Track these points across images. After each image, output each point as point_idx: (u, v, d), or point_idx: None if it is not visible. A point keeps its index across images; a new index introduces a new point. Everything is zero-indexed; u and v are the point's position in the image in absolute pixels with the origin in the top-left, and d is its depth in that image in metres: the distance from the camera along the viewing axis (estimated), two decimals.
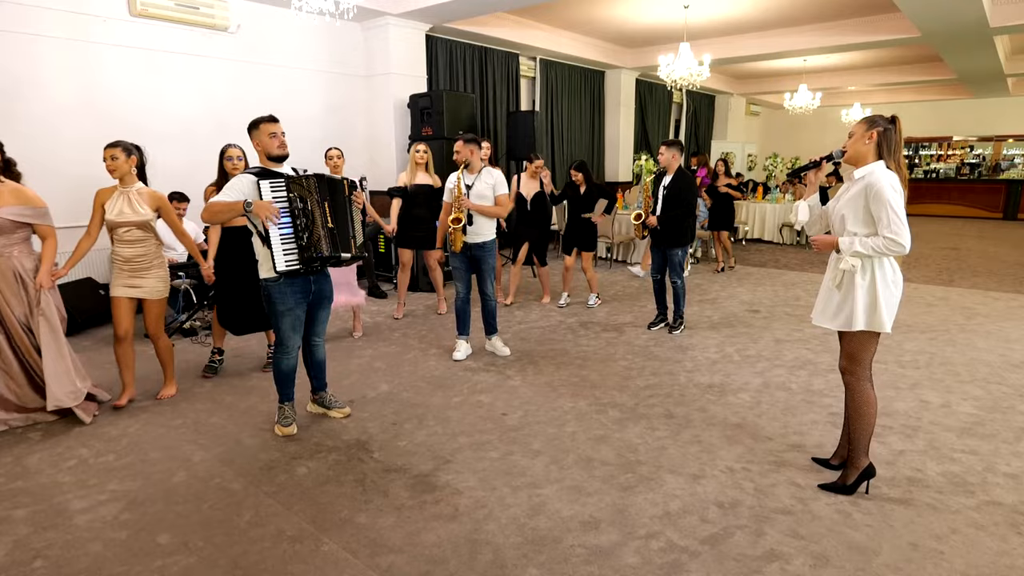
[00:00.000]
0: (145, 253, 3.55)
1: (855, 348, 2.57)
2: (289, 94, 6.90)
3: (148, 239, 3.55)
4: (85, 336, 5.03)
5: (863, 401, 2.60)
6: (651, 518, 2.50)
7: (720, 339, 4.94)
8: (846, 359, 2.62)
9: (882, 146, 2.45)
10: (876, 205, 2.38)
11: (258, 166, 3.14)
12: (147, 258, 3.55)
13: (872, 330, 2.50)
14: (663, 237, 4.97)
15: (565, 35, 9.42)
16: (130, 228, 3.48)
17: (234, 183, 3.02)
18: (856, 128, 2.51)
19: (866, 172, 2.46)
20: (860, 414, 2.61)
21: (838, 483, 2.68)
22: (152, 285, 3.58)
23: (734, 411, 3.54)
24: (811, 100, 11.68)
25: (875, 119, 2.48)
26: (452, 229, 4.25)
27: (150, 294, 3.58)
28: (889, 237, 2.35)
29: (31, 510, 2.59)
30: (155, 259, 3.60)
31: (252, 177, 3.02)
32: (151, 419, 3.49)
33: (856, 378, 2.60)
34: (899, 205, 2.35)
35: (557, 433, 3.28)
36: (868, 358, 2.58)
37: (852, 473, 2.66)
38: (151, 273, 3.57)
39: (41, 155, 5.19)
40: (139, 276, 3.54)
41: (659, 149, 5.00)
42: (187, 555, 2.30)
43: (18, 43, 5.07)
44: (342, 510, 2.57)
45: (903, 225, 2.35)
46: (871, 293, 2.47)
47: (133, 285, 3.54)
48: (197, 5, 5.98)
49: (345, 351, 4.66)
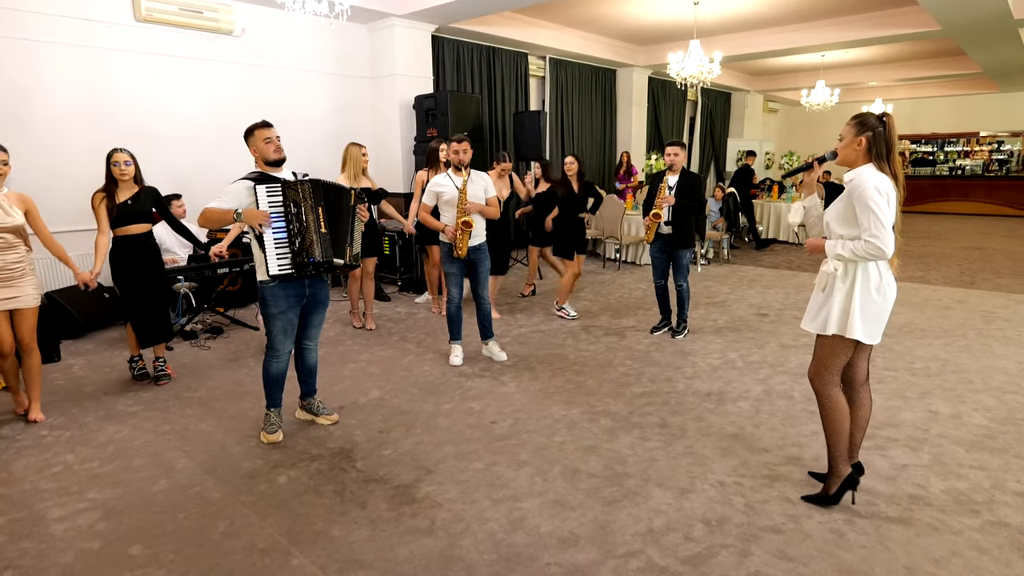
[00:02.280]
0: (19, 260, 3.38)
1: (824, 353, 2.49)
2: (295, 96, 6.91)
3: (20, 245, 3.39)
4: (88, 339, 5.07)
5: (831, 406, 2.51)
6: (633, 535, 2.41)
7: (724, 344, 4.81)
8: (814, 363, 2.53)
9: (872, 149, 2.36)
10: (859, 208, 2.30)
11: (256, 171, 3.14)
12: (21, 265, 3.39)
13: (844, 335, 2.41)
14: (671, 238, 4.85)
15: (574, 33, 9.31)
16: (3, 234, 3.30)
17: (230, 188, 3.03)
18: (846, 131, 2.41)
19: (854, 175, 2.37)
20: (829, 420, 2.52)
21: (821, 494, 2.59)
22: (28, 293, 3.41)
23: (731, 420, 3.43)
24: (829, 96, 11.42)
25: (865, 120, 2.38)
26: (461, 233, 4.15)
27: (25, 303, 3.41)
28: (870, 241, 2.27)
29: (9, 518, 2.58)
30: (28, 266, 3.43)
31: (249, 182, 3.03)
32: (140, 424, 3.48)
33: (823, 383, 2.51)
34: (882, 209, 2.26)
35: (546, 443, 3.19)
36: (836, 365, 2.48)
37: (834, 482, 2.56)
38: (25, 281, 3.40)
39: (48, 159, 5.25)
40: (12, 286, 3.36)
41: (669, 149, 4.80)
42: (157, 567, 2.26)
43: (25, 49, 5.12)
44: (317, 522, 2.53)
45: (885, 230, 2.26)
46: (848, 298, 2.39)
47: (7, 296, 3.35)
48: (201, 9, 6.00)
49: (341, 356, 4.63)
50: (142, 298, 3.97)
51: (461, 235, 4.16)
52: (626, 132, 11.23)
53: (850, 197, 2.34)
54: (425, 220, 4.32)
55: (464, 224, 4.14)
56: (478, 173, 4.26)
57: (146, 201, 3.93)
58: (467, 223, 4.14)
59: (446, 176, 4.24)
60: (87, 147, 5.35)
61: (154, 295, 4.02)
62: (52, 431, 3.40)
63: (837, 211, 2.41)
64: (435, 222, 4.26)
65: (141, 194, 3.91)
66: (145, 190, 3.94)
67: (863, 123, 2.37)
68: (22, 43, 5.10)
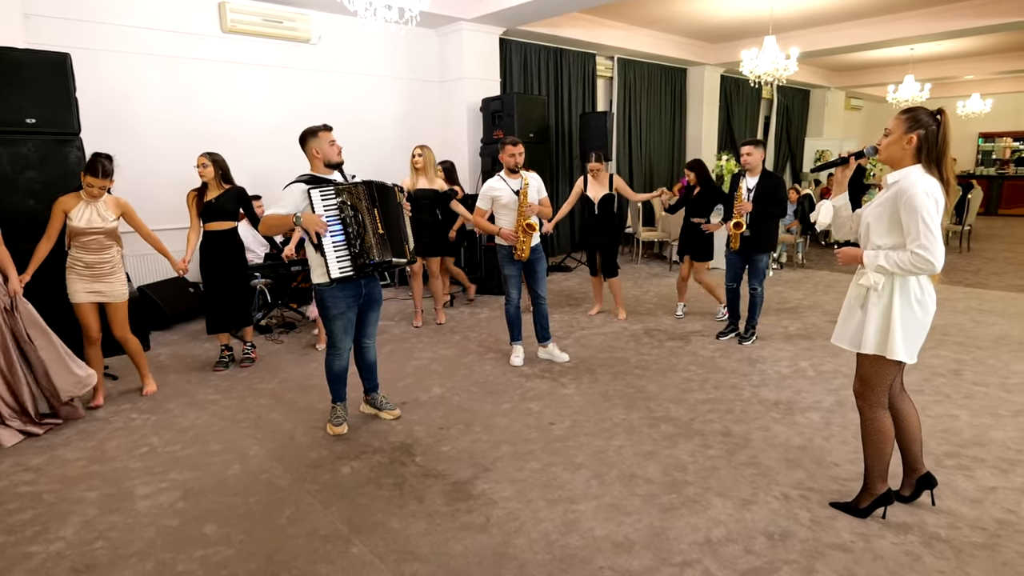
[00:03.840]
0: (111, 259, 3.68)
1: (867, 372, 2.34)
2: (366, 101, 7.14)
3: (113, 246, 3.69)
4: (174, 331, 5.42)
5: (874, 430, 2.37)
6: (690, 544, 2.35)
7: (795, 352, 4.61)
8: (859, 383, 2.40)
9: (922, 149, 2.15)
10: (907, 214, 2.09)
11: (307, 174, 3.20)
12: (112, 264, 3.68)
13: (884, 356, 2.23)
14: (749, 241, 4.69)
15: (643, 33, 9.16)
16: (96, 236, 3.60)
17: (286, 193, 3.09)
18: (894, 125, 2.21)
19: (900, 176, 2.18)
20: (871, 443, 2.39)
21: (852, 503, 2.49)
22: (116, 289, 3.70)
23: (800, 431, 3.28)
24: (919, 92, 10.74)
25: (918, 116, 2.17)
26: (525, 235, 4.18)
27: (114, 297, 3.70)
28: (918, 252, 2.06)
29: (102, 493, 2.80)
30: (119, 264, 3.74)
31: (303, 186, 3.07)
32: (218, 412, 3.69)
33: (868, 404, 2.37)
34: (933, 216, 2.06)
35: (603, 446, 3.16)
36: (883, 386, 2.32)
37: (866, 498, 2.45)
38: (115, 277, 3.69)
39: (143, 163, 5.65)
40: (103, 281, 3.65)
41: (743, 149, 4.68)
42: (227, 547, 2.40)
43: (126, 61, 5.54)
44: (376, 513, 2.60)
45: (936, 240, 2.05)
46: (886, 314, 2.21)
47: (95, 291, 3.64)
48: (281, 19, 6.31)
49: (405, 353, 4.75)
50: (218, 288, 4.31)
51: (525, 237, 4.18)
52: (696, 132, 10.96)
53: (894, 201, 2.14)
54: (479, 224, 4.37)
55: (528, 226, 4.16)
56: (531, 174, 4.29)
57: (228, 200, 4.24)
58: (531, 226, 4.17)
59: (500, 179, 4.26)
60: (177, 151, 5.73)
61: (230, 286, 4.33)
62: (141, 415, 3.66)
63: (877, 216, 2.21)
64: (489, 226, 4.30)
65: (225, 194, 4.23)
66: (230, 190, 4.25)
67: (915, 119, 2.16)
68: (123, 55, 5.52)
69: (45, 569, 2.28)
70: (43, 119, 4.04)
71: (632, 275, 7.69)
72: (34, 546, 2.42)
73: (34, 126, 4.01)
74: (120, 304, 3.74)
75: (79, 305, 3.64)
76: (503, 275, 4.38)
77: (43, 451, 3.21)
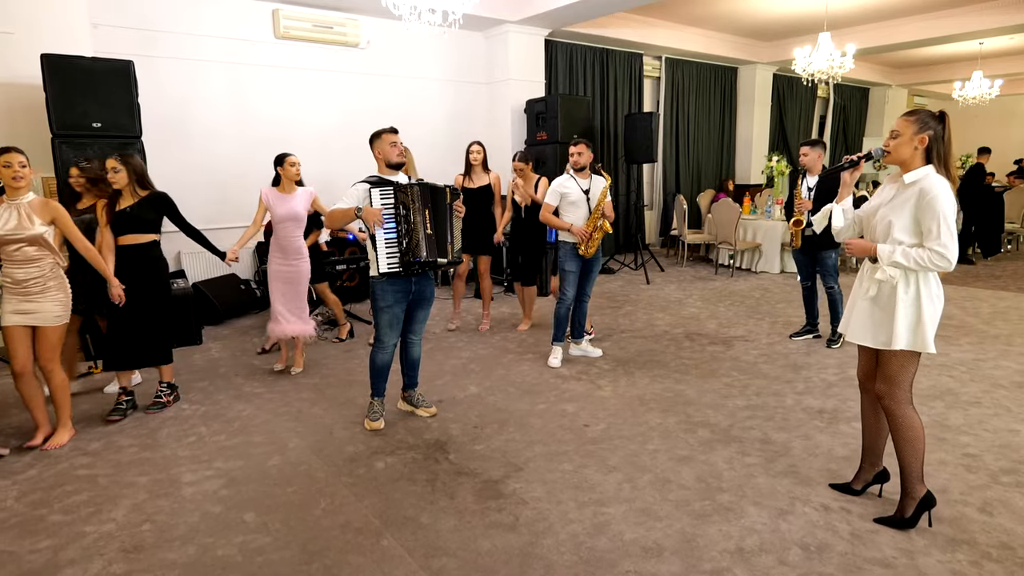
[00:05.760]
0: (40, 275, 3.13)
1: (894, 370, 2.33)
2: (414, 103, 7.27)
3: (42, 258, 3.13)
4: (225, 326, 5.64)
5: (906, 426, 2.35)
6: (721, 552, 2.30)
7: (843, 358, 4.44)
8: (884, 382, 2.37)
9: (932, 150, 2.23)
10: (927, 214, 2.17)
11: (375, 175, 3.36)
12: (42, 280, 3.13)
13: (914, 350, 2.28)
14: (812, 238, 4.59)
15: (692, 31, 9.01)
16: (20, 245, 3.07)
17: (351, 191, 3.28)
18: (903, 127, 2.27)
19: (919, 177, 2.23)
20: (906, 440, 2.35)
21: (896, 516, 2.41)
22: (47, 310, 3.15)
23: (844, 442, 3.16)
24: (988, 89, 10.19)
25: (926, 119, 2.24)
26: (597, 233, 4.25)
27: (43, 320, 3.15)
28: (936, 251, 2.14)
29: (151, 478, 2.94)
30: (53, 280, 3.17)
31: (366, 184, 3.27)
32: (262, 404, 3.83)
33: (896, 402, 2.35)
34: (952, 217, 2.14)
35: (637, 450, 3.13)
36: (908, 380, 2.34)
37: (909, 504, 2.39)
38: (47, 296, 3.15)
39: (202, 165, 5.91)
40: (31, 300, 3.12)
41: (802, 149, 4.82)
42: (265, 535, 2.48)
43: (185, 68, 5.82)
44: (408, 508, 2.65)
45: (954, 239, 2.14)
46: (915, 309, 2.25)
47: (23, 311, 3.11)
48: (331, 24, 6.49)
49: (445, 351, 4.81)
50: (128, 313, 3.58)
51: (597, 235, 4.25)
52: (747, 133, 10.70)
53: (915, 201, 2.21)
54: (549, 220, 4.38)
55: (602, 227, 4.23)
56: (601, 179, 4.34)
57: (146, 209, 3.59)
58: (604, 225, 4.23)
59: (569, 178, 4.31)
60: (233, 153, 5.98)
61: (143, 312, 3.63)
62: (191, 405, 3.83)
63: (896, 213, 2.26)
64: (560, 221, 4.31)
65: (142, 202, 3.59)
66: (148, 197, 3.62)
67: (924, 121, 2.24)
68: (182, 62, 5.79)
69: (97, 547, 2.42)
70: (107, 123, 4.28)
71: (676, 278, 7.57)
72: (88, 526, 2.56)
73: (99, 130, 4.25)
74: (51, 328, 3.17)
75: (5, 328, 3.13)
76: (562, 271, 4.39)
77: (101, 436, 3.40)
